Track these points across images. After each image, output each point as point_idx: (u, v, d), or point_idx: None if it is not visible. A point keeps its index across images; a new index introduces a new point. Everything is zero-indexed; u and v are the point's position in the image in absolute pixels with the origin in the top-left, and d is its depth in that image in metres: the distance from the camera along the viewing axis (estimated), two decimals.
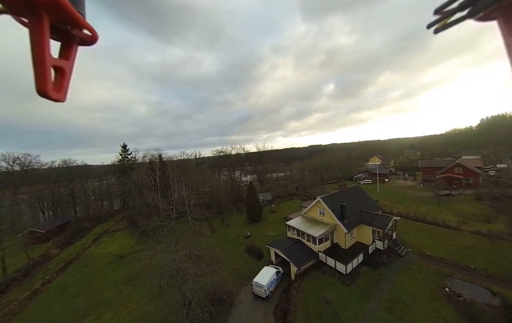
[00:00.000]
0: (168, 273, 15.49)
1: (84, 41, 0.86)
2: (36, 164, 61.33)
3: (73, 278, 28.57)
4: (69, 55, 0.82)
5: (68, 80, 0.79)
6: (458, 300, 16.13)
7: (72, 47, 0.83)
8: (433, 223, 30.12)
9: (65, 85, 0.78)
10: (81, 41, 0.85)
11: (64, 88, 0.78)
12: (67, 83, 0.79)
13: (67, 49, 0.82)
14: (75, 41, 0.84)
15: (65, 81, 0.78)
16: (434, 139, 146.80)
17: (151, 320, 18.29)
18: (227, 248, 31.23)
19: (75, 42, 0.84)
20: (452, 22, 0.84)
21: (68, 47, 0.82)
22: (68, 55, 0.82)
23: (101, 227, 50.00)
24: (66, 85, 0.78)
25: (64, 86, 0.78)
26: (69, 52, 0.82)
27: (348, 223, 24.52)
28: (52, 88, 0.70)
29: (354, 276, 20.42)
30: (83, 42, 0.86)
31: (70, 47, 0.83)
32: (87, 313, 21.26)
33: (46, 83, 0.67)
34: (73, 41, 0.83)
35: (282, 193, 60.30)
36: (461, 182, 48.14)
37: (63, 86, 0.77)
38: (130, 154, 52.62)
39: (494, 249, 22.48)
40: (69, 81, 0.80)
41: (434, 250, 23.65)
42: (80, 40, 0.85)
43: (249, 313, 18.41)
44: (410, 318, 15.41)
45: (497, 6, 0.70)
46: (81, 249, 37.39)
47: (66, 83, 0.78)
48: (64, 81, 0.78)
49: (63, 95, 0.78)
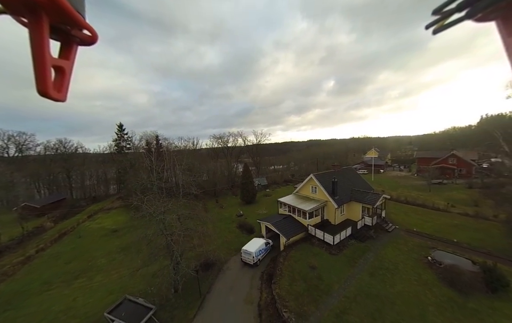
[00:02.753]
0: (154, 225, 15.77)
1: (84, 41, 0.86)
2: (30, 143, 60.99)
3: (66, 247, 28.96)
4: (69, 55, 0.82)
5: (68, 79, 0.79)
6: (439, 267, 16.66)
7: (72, 47, 0.83)
8: (422, 206, 30.67)
9: (65, 84, 0.78)
10: (81, 41, 0.85)
11: (65, 87, 0.78)
12: (67, 83, 0.79)
13: (67, 49, 0.82)
14: (75, 41, 0.84)
15: (65, 81, 0.78)
16: (433, 137, 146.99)
17: (138, 277, 18.76)
18: (219, 225, 31.73)
19: (75, 43, 0.84)
20: (451, 22, 0.83)
21: (68, 47, 0.83)
22: (67, 55, 0.82)
23: (96, 205, 50.23)
24: (66, 85, 0.79)
25: (65, 85, 0.78)
26: (68, 52, 0.82)
27: (338, 199, 24.87)
28: (52, 87, 0.71)
29: (342, 247, 20.90)
30: (83, 42, 0.86)
31: (69, 47, 0.83)
32: (79, 275, 21.71)
33: (46, 83, 0.67)
34: (73, 41, 0.83)
35: (278, 179, 60.73)
36: (454, 172, 48.71)
37: (63, 85, 0.78)
38: (126, 134, 52.32)
39: (479, 228, 23.05)
40: (69, 81, 0.80)
41: (421, 227, 24.20)
42: (80, 40, 0.85)
43: (236, 278, 18.89)
44: (392, 281, 15.94)
45: (495, 7, 0.69)
46: (76, 223, 37.67)
47: (66, 83, 0.79)
48: (64, 81, 0.78)
49: (64, 94, 0.78)
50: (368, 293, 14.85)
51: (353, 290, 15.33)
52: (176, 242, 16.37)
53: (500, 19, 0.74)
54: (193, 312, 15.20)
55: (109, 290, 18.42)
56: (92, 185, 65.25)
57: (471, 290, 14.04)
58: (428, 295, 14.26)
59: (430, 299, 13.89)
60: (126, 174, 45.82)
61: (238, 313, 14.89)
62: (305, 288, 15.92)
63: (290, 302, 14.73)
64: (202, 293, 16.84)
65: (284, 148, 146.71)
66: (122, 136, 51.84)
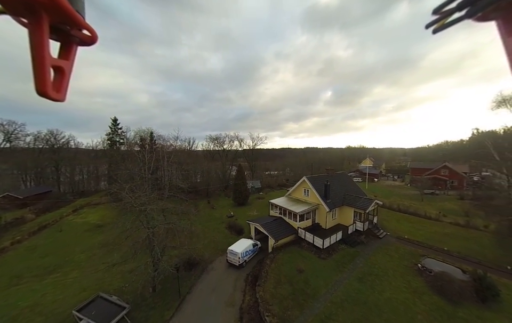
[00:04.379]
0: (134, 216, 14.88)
1: (84, 42, 0.84)
2: (20, 133, 59.08)
3: (45, 241, 27.50)
4: (69, 55, 0.81)
5: (67, 80, 0.78)
6: (429, 275, 16.16)
7: (72, 47, 0.82)
8: (414, 214, 30.43)
9: (64, 84, 0.77)
10: (81, 41, 0.84)
11: (64, 87, 0.77)
12: (67, 83, 0.77)
13: (66, 50, 0.81)
14: (74, 42, 0.82)
15: (65, 81, 0.77)
16: (427, 150, 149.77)
17: (116, 274, 17.68)
18: (208, 225, 30.82)
19: (74, 43, 0.82)
20: (451, 22, 0.81)
21: (68, 47, 0.81)
22: (67, 55, 0.80)
23: (83, 200, 48.55)
24: (65, 85, 0.77)
25: (64, 85, 0.77)
26: (68, 52, 0.81)
27: (330, 202, 24.40)
28: (51, 88, 0.69)
29: (331, 251, 20.27)
30: (83, 42, 0.85)
31: (69, 47, 0.81)
32: (53, 271, 20.46)
33: (45, 83, 0.66)
34: (72, 42, 0.81)
35: (272, 183, 60.16)
36: (446, 183, 49.01)
37: (63, 85, 0.76)
38: (120, 128, 51.22)
39: (470, 237, 22.80)
40: (69, 81, 0.78)
41: (412, 235, 23.82)
42: (79, 41, 0.83)
43: (220, 279, 18.00)
44: (381, 287, 15.33)
45: (495, 6, 0.68)
46: (59, 216, 36.09)
47: (65, 83, 0.77)
48: (63, 81, 0.76)
49: (63, 94, 0.76)
50: (355, 300, 14.18)
51: (340, 295, 14.64)
52: (157, 236, 15.50)
53: (500, 19, 0.73)
54: (170, 313, 14.23)
55: (83, 287, 17.25)
56: (81, 180, 63.38)
57: (460, 298, 13.53)
58: (417, 303, 13.67)
59: (419, 307, 13.30)
60: (117, 169, 44.57)
61: (218, 316, 14.00)
62: (291, 292, 15.16)
63: (274, 306, 13.93)
64: (182, 294, 15.88)
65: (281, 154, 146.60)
66: (116, 131, 50.66)
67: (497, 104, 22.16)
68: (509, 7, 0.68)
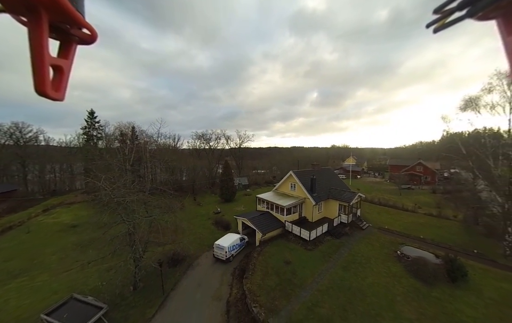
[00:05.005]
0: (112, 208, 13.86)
1: (83, 40, 0.83)
2: None
3: (9, 243, 24.76)
4: (68, 54, 0.79)
5: (66, 79, 0.76)
6: (407, 261, 17.19)
7: (71, 46, 0.80)
8: (393, 207, 32.34)
9: (63, 83, 0.75)
10: (81, 40, 0.82)
11: (63, 86, 0.75)
12: (66, 82, 0.76)
13: (66, 48, 0.79)
14: (74, 40, 0.80)
15: (64, 80, 0.75)
16: (403, 150, 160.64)
17: (92, 274, 16.46)
18: (194, 221, 30.00)
19: (74, 41, 0.81)
20: (451, 21, 0.82)
21: (67, 46, 0.79)
22: (66, 54, 0.79)
23: (55, 199, 44.65)
24: (65, 84, 0.76)
25: (63, 84, 0.75)
26: (67, 51, 0.79)
27: (316, 196, 24.94)
28: (50, 87, 0.68)
29: (317, 243, 20.72)
30: (82, 41, 0.83)
31: (69, 46, 0.80)
32: (19, 275, 18.44)
33: (44, 82, 0.65)
34: (72, 40, 0.80)
35: (259, 180, 60.29)
36: (420, 178, 52.86)
37: (62, 84, 0.75)
38: (98, 122, 47.76)
39: (441, 226, 24.74)
40: (68, 80, 0.77)
41: (392, 225, 25.24)
42: (79, 39, 0.82)
43: (206, 274, 17.54)
44: (364, 274, 15.98)
45: (496, 6, 0.68)
46: (27, 217, 32.79)
47: (65, 82, 0.76)
48: (62, 80, 0.75)
49: (62, 93, 0.74)
50: (340, 286, 14.61)
51: (326, 283, 15.00)
52: (139, 230, 14.61)
53: (500, 18, 0.73)
54: (152, 311, 13.52)
55: (53, 290, 15.75)
56: (53, 179, 58.15)
57: (434, 280, 14.57)
58: (396, 286, 14.46)
59: (398, 290, 14.08)
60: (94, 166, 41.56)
61: (204, 310, 13.60)
62: (278, 282, 15.21)
63: (261, 297, 13.85)
64: (165, 291, 15.18)
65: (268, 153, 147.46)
66: (93, 124, 47.05)
67: (465, 103, 24.27)
68: (509, 6, 0.68)
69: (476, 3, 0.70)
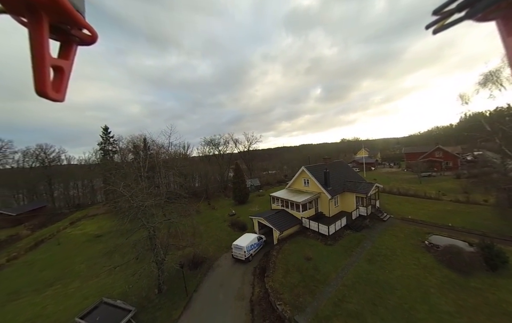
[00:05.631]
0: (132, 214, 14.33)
1: (84, 41, 0.83)
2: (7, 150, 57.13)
3: (43, 255, 26.52)
4: (68, 54, 0.79)
5: (67, 80, 0.76)
6: (437, 250, 16.15)
7: (72, 47, 0.80)
8: (414, 196, 30.68)
9: (64, 84, 0.75)
10: (81, 41, 0.82)
11: (63, 88, 0.75)
12: (66, 83, 0.76)
13: (66, 49, 0.79)
14: (74, 41, 0.81)
15: (64, 81, 0.75)
16: (418, 137, 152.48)
17: (119, 280, 17.11)
18: (210, 224, 30.34)
19: (74, 42, 0.81)
20: (451, 22, 0.82)
21: (67, 47, 0.79)
22: (67, 54, 0.79)
23: (79, 212, 47.28)
24: (65, 85, 0.75)
25: (63, 85, 0.75)
26: (68, 52, 0.79)
27: (331, 189, 24.29)
28: (50, 88, 0.68)
29: (337, 237, 20.12)
30: (83, 42, 0.83)
31: (69, 47, 0.80)
32: (54, 283, 19.63)
33: (45, 83, 0.65)
34: (72, 41, 0.80)
35: (271, 180, 59.97)
36: (441, 164, 49.76)
37: (62, 85, 0.74)
38: (112, 137, 50.11)
39: (471, 212, 23.04)
40: (68, 81, 0.77)
41: (415, 215, 23.91)
42: (79, 40, 0.82)
43: (226, 274, 17.60)
44: (391, 266, 15.21)
45: (495, 7, 0.69)
46: (56, 230, 34.98)
47: (65, 83, 0.75)
48: (63, 81, 0.75)
49: (62, 94, 0.74)
50: (366, 280, 14.01)
51: (351, 277, 14.45)
52: (159, 235, 15.02)
53: (500, 19, 0.74)
54: (178, 312, 13.76)
55: (85, 296, 16.57)
56: (76, 194, 61.79)
57: (471, 269, 13.51)
58: (429, 278, 13.59)
59: (431, 282, 13.22)
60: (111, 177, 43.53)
61: (228, 310, 13.61)
62: (301, 279, 14.89)
63: (284, 294, 13.63)
64: (189, 293, 15.41)
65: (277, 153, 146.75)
66: (107, 139, 49.53)
67: (484, 78, 22.58)
68: (508, 7, 0.68)
69: (475, 4, 0.70)
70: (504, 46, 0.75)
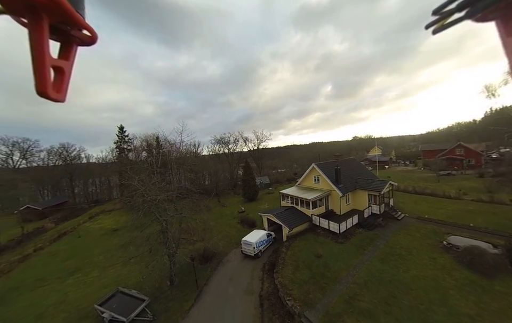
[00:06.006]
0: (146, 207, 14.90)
1: (84, 42, 0.84)
2: (34, 149, 61.56)
3: (65, 246, 28.34)
4: (69, 55, 0.80)
5: (67, 80, 0.77)
6: (456, 251, 15.27)
7: (72, 47, 0.81)
8: (432, 195, 29.12)
9: (64, 85, 0.76)
10: (81, 41, 0.83)
11: (64, 88, 0.76)
12: (67, 84, 0.77)
13: (66, 50, 0.80)
14: (75, 42, 0.82)
15: (65, 81, 0.76)
16: (437, 134, 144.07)
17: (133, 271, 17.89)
18: (220, 221, 30.77)
19: (75, 43, 0.82)
20: (450, 22, 0.82)
21: (68, 48, 0.80)
22: (67, 55, 0.80)
23: (98, 208, 49.89)
24: (66, 85, 0.76)
25: (64, 86, 0.76)
26: (68, 52, 0.80)
27: (343, 187, 23.73)
28: (51, 88, 0.69)
29: (348, 236, 19.63)
30: (83, 42, 0.84)
31: (69, 48, 0.81)
32: (75, 272, 20.93)
33: (45, 84, 0.66)
34: (72, 42, 0.81)
35: (281, 178, 59.62)
36: (462, 162, 46.76)
37: (63, 86, 0.76)
38: (127, 136, 52.29)
39: (496, 212, 21.47)
40: (69, 81, 0.78)
41: (433, 214, 22.72)
42: (79, 41, 0.83)
43: (236, 269, 17.80)
44: (405, 266, 14.61)
45: (495, 7, 0.69)
46: (76, 224, 37.19)
47: (66, 83, 0.77)
48: (63, 81, 0.76)
49: (63, 95, 0.75)
50: (380, 279, 13.56)
51: (363, 276, 14.06)
52: (171, 229, 15.50)
53: (499, 20, 0.74)
54: (189, 304, 14.15)
55: (103, 284, 17.52)
56: (94, 191, 65.36)
57: (495, 272, 12.63)
58: (447, 279, 12.88)
59: (450, 283, 12.53)
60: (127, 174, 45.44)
61: (238, 304, 13.77)
62: (311, 276, 14.73)
63: (294, 290, 13.55)
64: (199, 286, 15.79)
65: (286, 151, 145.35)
66: (123, 138, 51.80)
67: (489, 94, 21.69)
68: (508, 8, 0.68)
69: (475, 4, 0.70)
70: (504, 46, 0.74)
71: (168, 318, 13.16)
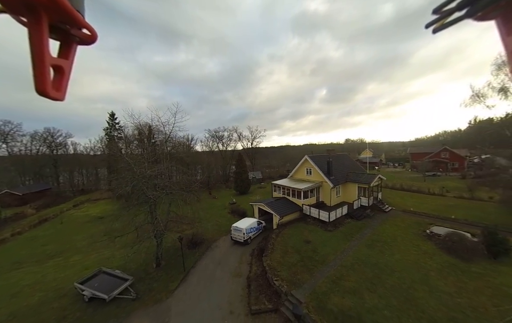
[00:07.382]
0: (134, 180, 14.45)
1: (83, 41, 0.83)
2: (16, 133, 58.16)
3: (46, 232, 27.03)
4: (68, 54, 0.79)
5: (67, 79, 0.76)
6: (438, 238, 15.89)
7: (72, 46, 0.80)
8: (418, 192, 30.25)
9: (64, 83, 0.75)
10: (81, 40, 0.82)
11: (63, 87, 0.75)
12: (66, 82, 0.76)
13: (66, 49, 0.79)
14: (74, 41, 0.81)
15: (64, 80, 0.75)
16: (425, 141, 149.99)
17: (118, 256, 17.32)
18: (211, 212, 30.45)
19: (74, 42, 0.81)
20: (450, 21, 0.82)
21: (67, 46, 0.80)
22: (67, 54, 0.79)
23: (83, 196, 48.05)
24: (65, 84, 0.76)
25: (63, 84, 0.75)
26: (68, 51, 0.79)
27: (334, 179, 24.09)
28: (51, 87, 0.68)
29: (337, 225, 19.96)
30: (82, 41, 0.83)
31: (69, 46, 0.80)
32: (55, 256, 20.00)
33: (45, 83, 0.65)
34: (72, 41, 0.80)
35: (273, 174, 59.78)
36: (447, 165, 48.90)
37: (62, 84, 0.75)
38: (118, 123, 50.58)
39: (475, 207, 22.60)
40: (68, 80, 0.77)
41: (418, 208, 23.59)
42: (79, 40, 0.82)
43: (225, 254, 17.67)
44: (390, 251, 15.04)
45: (495, 6, 0.69)
46: (59, 211, 35.61)
47: (65, 82, 0.76)
48: (63, 80, 0.75)
49: (62, 93, 0.75)
50: (365, 262, 13.87)
51: (350, 259, 14.33)
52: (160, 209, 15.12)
53: (499, 18, 0.73)
54: (175, 284, 13.88)
55: (85, 266, 16.85)
56: (81, 181, 62.79)
57: (472, 256, 13.25)
58: (429, 262, 13.38)
59: (431, 266, 13.01)
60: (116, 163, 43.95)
61: (225, 285, 13.66)
62: (299, 259, 14.84)
63: (282, 272, 13.59)
64: (186, 268, 15.52)
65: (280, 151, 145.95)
66: (113, 125, 50.07)
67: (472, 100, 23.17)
68: (508, 6, 0.68)
69: (475, 3, 0.69)
70: (504, 45, 0.74)
71: (153, 297, 12.83)
